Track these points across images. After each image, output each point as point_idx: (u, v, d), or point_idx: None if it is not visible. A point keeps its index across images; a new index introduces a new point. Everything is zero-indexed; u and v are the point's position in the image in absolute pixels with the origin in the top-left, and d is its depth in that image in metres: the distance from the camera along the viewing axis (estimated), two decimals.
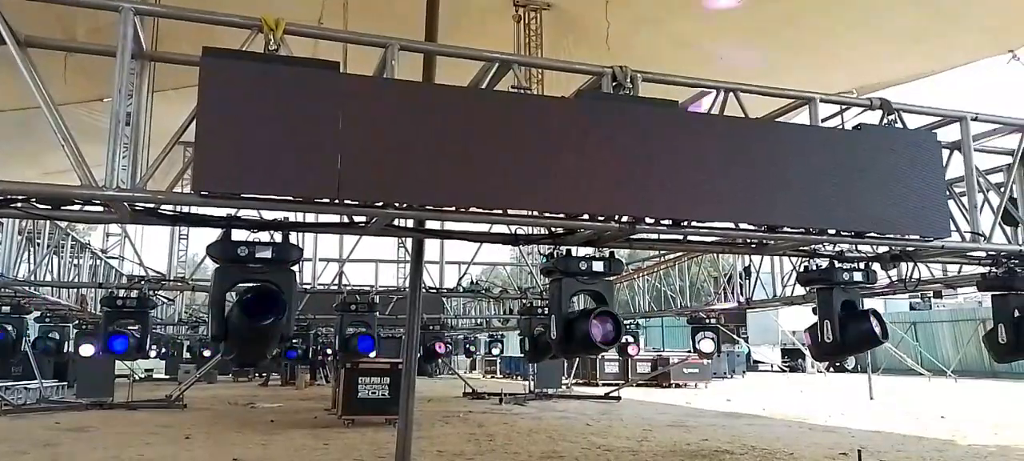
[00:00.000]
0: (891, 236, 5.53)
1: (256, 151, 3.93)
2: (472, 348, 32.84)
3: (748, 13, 11.65)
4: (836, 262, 6.49)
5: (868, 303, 6.84)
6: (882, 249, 6.48)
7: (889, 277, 8.08)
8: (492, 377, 36.07)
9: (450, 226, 5.96)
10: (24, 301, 12.10)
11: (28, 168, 15.82)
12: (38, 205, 4.49)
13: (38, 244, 11.97)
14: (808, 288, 6.61)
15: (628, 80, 5.04)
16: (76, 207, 4.65)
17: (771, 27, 12.28)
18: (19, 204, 4.35)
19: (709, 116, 5.27)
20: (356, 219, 5.03)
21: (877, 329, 6.43)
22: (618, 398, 20.56)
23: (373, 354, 12.66)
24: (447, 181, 4.34)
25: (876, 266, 6.84)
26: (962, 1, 11.41)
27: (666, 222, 5.03)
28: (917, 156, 5.43)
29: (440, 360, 26.81)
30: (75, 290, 14.50)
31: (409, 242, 9.06)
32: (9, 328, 11.13)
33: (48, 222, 11.42)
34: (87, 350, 9.32)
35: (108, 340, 9.62)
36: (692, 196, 4.83)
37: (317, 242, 13.91)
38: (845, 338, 6.54)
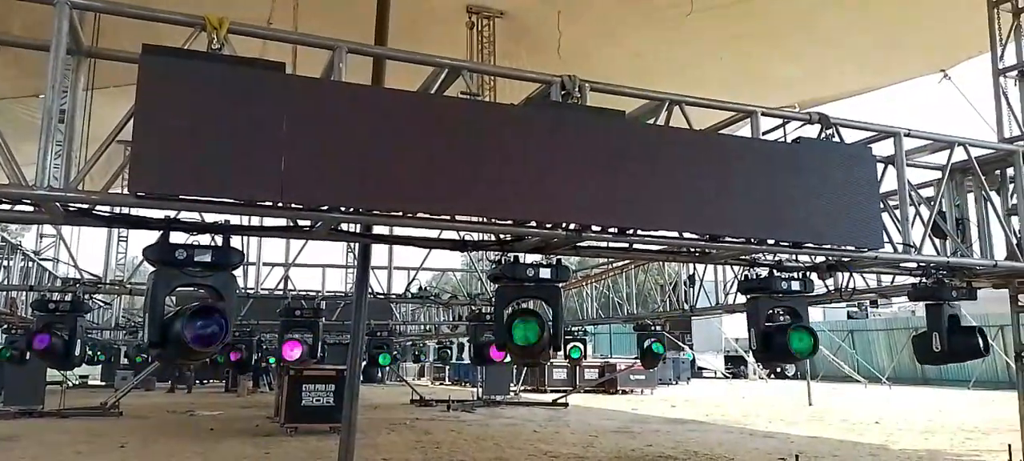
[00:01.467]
0: (828, 246, 5.72)
1: (196, 152, 3.84)
2: (421, 355, 32.63)
3: (700, 29, 11.92)
4: (775, 271, 6.66)
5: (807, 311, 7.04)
6: (819, 259, 6.68)
7: (826, 286, 8.38)
8: (441, 384, 35.89)
9: (398, 231, 5.91)
10: None
11: None
12: None
13: None
14: (748, 296, 6.75)
15: (577, 89, 5.09)
16: (5, 207, 4.46)
17: (720, 42, 12.61)
18: None
19: (655, 127, 5.35)
20: (301, 223, 4.96)
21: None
22: (566, 405, 20.69)
23: (298, 354, 12.00)
24: (394, 185, 4.31)
25: (813, 275, 7.06)
26: (899, 23, 11.93)
27: (612, 230, 5.09)
28: (853, 169, 5.63)
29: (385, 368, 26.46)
30: (4, 293, 13.88)
31: (356, 247, 8.96)
32: None
33: None
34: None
35: (32, 340, 9.17)
36: (638, 205, 4.90)
37: (261, 246, 13.62)
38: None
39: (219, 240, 4.57)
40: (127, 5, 4.55)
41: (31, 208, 4.39)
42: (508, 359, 6.12)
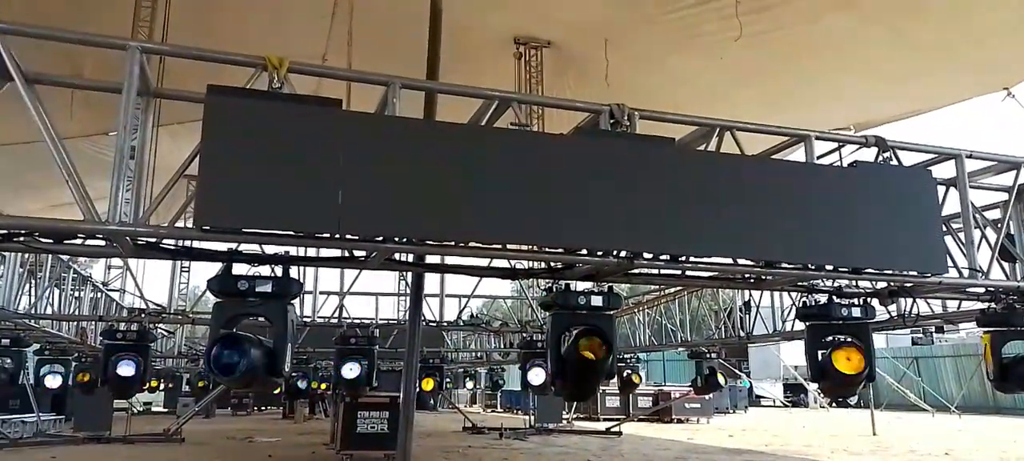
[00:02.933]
0: (888, 272, 5.57)
1: (258, 186, 3.99)
2: (471, 382, 32.63)
3: (746, 52, 11.80)
4: (834, 298, 6.49)
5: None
6: (880, 285, 6.50)
7: (888, 312, 8.11)
8: (492, 411, 35.79)
9: (450, 260, 5.99)
10: (24, 334, 12.08)
11: (33, 201, 15.91)
12: (41, 239, 4.53)
13: (39, 277, 11.99)
14: (806, 323, 6.59)
15: (626, 117, 5.11)
16: (78, 241, 4.69)
17: (769, 66, 12.44)
18: (22, 238, 4.40)
19: (706, 153, 5.33)
20: (356, 253, 5.08)
21: None
22: (619, 433, 20.38)
23: (356, 372, 12.09)
24: (447, 216, 4.39)
25: (875, 301, 6.86)
26: (958, 40, 11.58)
27: (664, 257, 5.07)
28: (913, 193, 5.49)
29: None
30: (75, 323, 14.48)
31: (409, 275, 9.10)
32: (8, 361, 11.11)
33: (50, 255, 11.46)
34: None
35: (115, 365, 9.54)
36: (690, 231, 4.87)
37: (318, 276, 13.92)
38: None
39: (279, 271, 4.72)
40: (193, 48, 4.78)
41: (102, 242, 4.62)
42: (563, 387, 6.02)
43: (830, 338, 6.31)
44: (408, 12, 8.13)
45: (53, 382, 13.61)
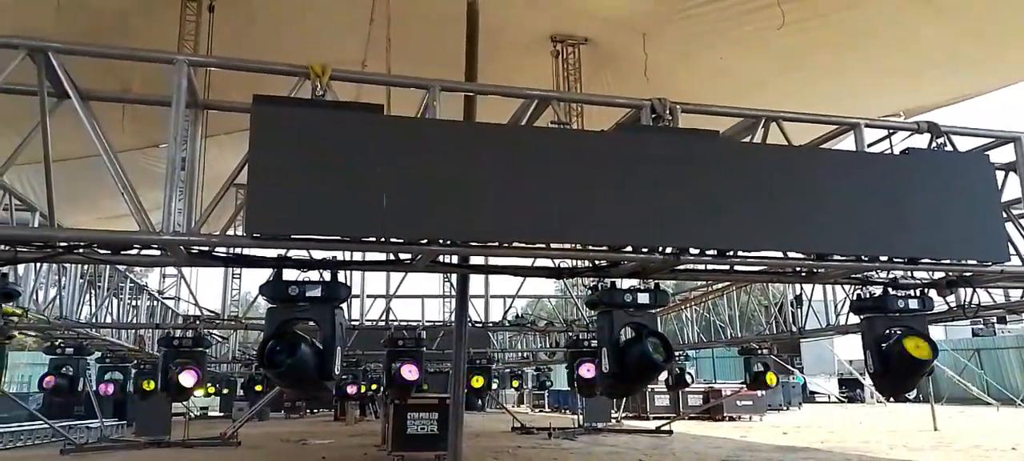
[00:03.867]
0: (946, 262, 5.39)
1: (305, 193, 4.06)
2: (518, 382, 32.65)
3: (788, 40, 11.54)
4: (890, 289, 6.31)
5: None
6: (938, 275, 6.29)
7: (947, 303, 7.85)
8: (540, 411, 35.76)
9: (494, 261, 6.01)
10: (85, 343, 12.52)
11: (87, 213, 16.48)
12: (100, 250, 4.69)
13: (99, 287, 12.42)
14: (861, 316, 6.41)
15: (667, 111, 5.05)
16: (135, 251, 4.84)
17: (811, 54, 12.15)
18: (82, 250, 4.55)
19: (752, 145, 5.24)
20: (401, 256, 5.12)
21: None
22: (669, 432, 20.14)
23: (415, 375, 12.21)
24: (490, 217, 4.40)
25: (932, 292, 6.63)
26: (1011, 19, 11.13)
27: (711, 252, 4.99)
28: (969, 179, 5.30)
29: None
30: (133, 331, 14.95)
31: (454, 277, 9.16)
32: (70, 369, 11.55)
33: (108, 265, 11.86)
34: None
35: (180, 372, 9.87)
36: (737, 226, 4.79)
37: (364, 279, 14.10)
38: None
39: (327, 276, 4.79)
40: (239, 60, 4.89)
41: (158, 252, 4.76)
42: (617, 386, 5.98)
43: (887, 331, 6.12)
44: (445, 14, 8.19)
45: (108, 389, 14.09)
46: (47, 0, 9.74)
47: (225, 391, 31.50)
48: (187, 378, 9.50)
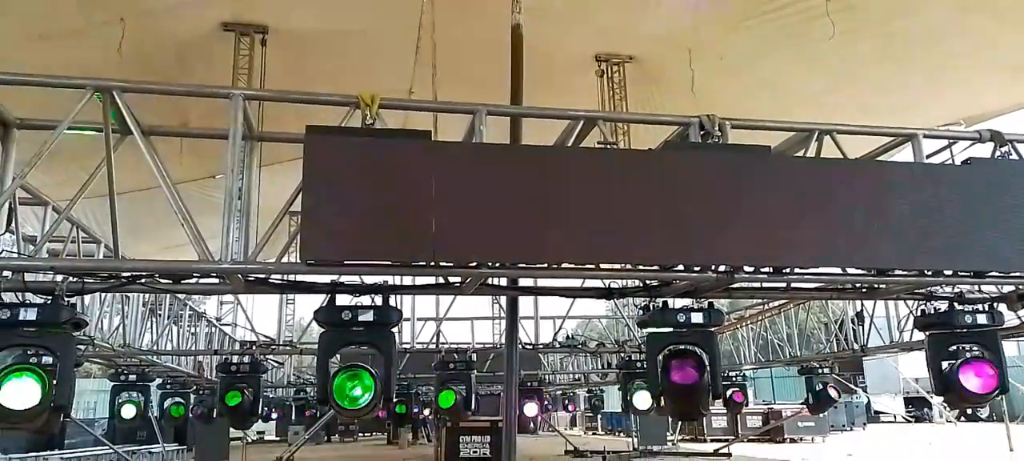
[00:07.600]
0: (1016, 275, 5.15)
1: (357, 220, 4.13)
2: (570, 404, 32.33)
3: (839, 51, 11.28)
4: (956, 304, 6.05)
5: None
6: (1007, 289, 6.01)
7: (1019, 318, 7.49)
8: (593, 433, 35.35)
9: (543, 282, 5.98)
10: (147, 370, 12.90)
11: (147, 243, 17.00)
12: (161, 280, 4.84)
13: (160, 315, 12.79)
14: (926, 333, 6.15)
15: (716, 128, 4.98)
16: (194, 280, 4.98)
17: (863, 65, 11.85)
18: (145, 280, 4.71)
19: (805, 159, 5.12)
20: (451, 279, 5.15)
21: None
22: (728, 455, 19.69)
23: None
24: (538, 239, 4.39)
25: (1003, 306, 6.34)
26: None
27: (766, 270, 4.87)
28: None
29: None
30: (193, 357, 15.33)
31: (504, 299, 9.16)
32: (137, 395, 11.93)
33: (168, 294, 12.21)
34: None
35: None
36: (792, 242, 4.67)
37: (415, 303, 14.20)
38: None
39: (379, 300, 4.85)
40: (291, 92, 5.02)
41: (216, 280, 4.89)
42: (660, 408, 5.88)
43: (954, 348, 5.86)
44: (489, 38, 8.25)
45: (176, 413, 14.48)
46: (109, 41, 10.15)
47: (281, 415, 31.92)
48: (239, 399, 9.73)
